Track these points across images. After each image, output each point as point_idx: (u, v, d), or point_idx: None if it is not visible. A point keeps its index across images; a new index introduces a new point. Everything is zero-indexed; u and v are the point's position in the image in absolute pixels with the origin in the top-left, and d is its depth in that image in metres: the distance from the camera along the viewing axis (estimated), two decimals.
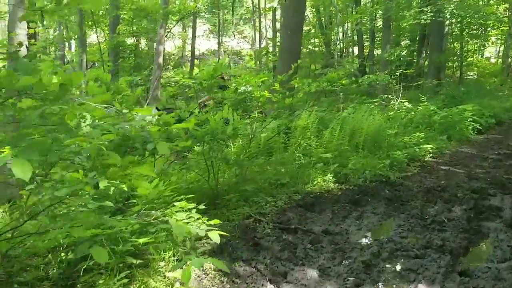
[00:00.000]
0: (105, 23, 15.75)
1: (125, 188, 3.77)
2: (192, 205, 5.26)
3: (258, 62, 23.19)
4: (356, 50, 27.97)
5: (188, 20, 25.35)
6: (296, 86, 8.28)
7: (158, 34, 16.14)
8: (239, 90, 6.85)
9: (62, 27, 18.49)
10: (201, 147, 5.84)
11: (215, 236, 3.40)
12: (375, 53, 24.60)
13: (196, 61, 32.29)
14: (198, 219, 5.54)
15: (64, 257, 4.20)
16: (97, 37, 14.65)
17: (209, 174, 6.60)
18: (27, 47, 8.76)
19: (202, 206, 5.61)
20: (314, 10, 26.54)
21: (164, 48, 26.19)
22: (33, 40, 16.00)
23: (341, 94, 13.28)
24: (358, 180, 8.06)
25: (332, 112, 12.31)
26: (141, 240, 3.91)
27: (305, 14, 23.93)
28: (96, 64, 16.12)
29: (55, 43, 17.79)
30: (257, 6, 27.16)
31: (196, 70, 28.81)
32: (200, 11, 23.15)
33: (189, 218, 4.07)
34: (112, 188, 3.64)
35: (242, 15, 36.04)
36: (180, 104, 10.61)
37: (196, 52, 34.41)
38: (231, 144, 8.04)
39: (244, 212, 6.29)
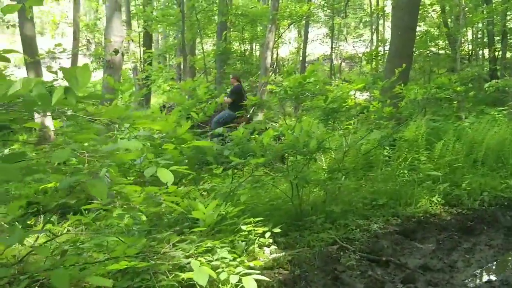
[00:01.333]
0: (211, 30, 15.79)
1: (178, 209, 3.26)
2: (261, 229, 4.66)
3: (373, 67, 21.98)
4: (486, 52, 25.49)
5: (302, 25, 24.84)
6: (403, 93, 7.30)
7: (266, 39, 15.82)
8: (330, 99, 6.09)
9: (179, 35, 19.09)
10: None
11: (251, 285, 2.73)
12: (507, 55, 22.09)
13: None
14: (269, 245, 4.94)
15: None
16: (201, 44, 14.65)
17: (293, 191, 5.92)
18: (122, 54, 8.79)
19: (277, 229, 4.99)
20: (438, 9, 24.63)
21: (277, 53, 25.94)
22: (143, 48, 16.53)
23: (457, 101, 11.82)
24: (474, 203, 6.86)
25: (449, 122, 10.94)
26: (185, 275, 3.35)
27: (428, 13, 22.22)
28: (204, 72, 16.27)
29: (174, 49, 18.26)
30: (374, 8, 25.90)
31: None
32: (313, 15, 22.47)
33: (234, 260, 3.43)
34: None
35: (362, 18, 34.81)
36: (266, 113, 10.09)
37: (312, 57, 33.82)
38: (322, 159, 7.29)
39: (329, 237, 5.52)
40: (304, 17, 21.21)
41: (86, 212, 5.10)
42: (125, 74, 15.78)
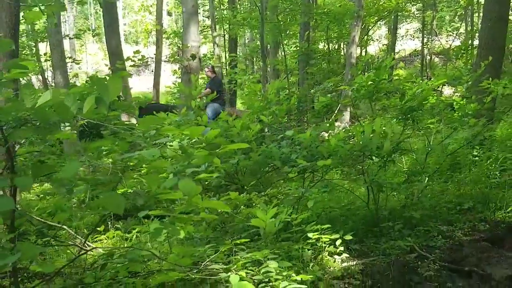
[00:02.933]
0: (294, 31, 15.64)
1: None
2: (327, 237, 4.45)
3: (465, 61, 20.65)
4: None
5: (390, 21, 23.95)
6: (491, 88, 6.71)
7: (351, 36, 15.44)
8: (407, 96, 5.73)
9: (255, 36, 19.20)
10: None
11: None
12: None
13: (401, 64, 30.51)
14: (339, 253, 4.70)
15: None
16: (282, 45, 14.52)
17: (368, 196, 5.63)
18: (200, 59, 8.92)
19: (349, 236, 4.75)
20: None
21: (365, 51, 25.24)
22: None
23: None
24: None
25: None
26: None
27: None
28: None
29: (258, 52, 18.33)
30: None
31: (401, 72, 27.16)
32: (402, 10, 21.57)
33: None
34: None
35: (457, 11, 32.95)
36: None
37: (403, 54, 32.49)
38: (403, 160, 6.88)
39: (407, 244, 5.16)
40: (393, 13, 20.43)
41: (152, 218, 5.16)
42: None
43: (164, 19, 36.30)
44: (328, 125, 5.37)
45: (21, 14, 4.63)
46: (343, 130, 5.71)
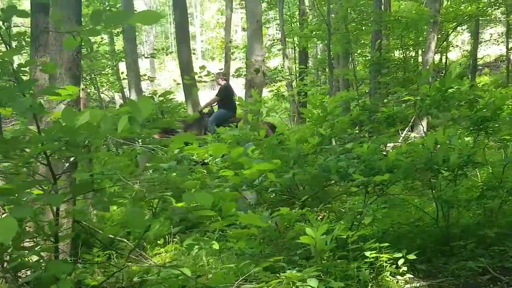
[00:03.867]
0: (365, 40, 15.25)
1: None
2: (386, 256, 4.19)
3: None
4: None
5: (472, 26, 22.76)
6: None
7: (427, 43, 14.82)
8: (479, 106, 5.33)
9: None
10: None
11: None
12: None
13: (486, 70, 28.88)
14: (403, 273, 4.40)
15: None
16: (351, 55, 14.19)
17: (437, 212, 5.27)
18: (264, 74, 8.89)
19: (412, 256, 4.44)
20: None
21: (446, 58, 24.14)
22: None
23: None
24: None
25: None
26: None
27: None
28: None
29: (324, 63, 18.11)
30: None
31: (485, 79, 25.68)
32: (484, 14, 20.43)
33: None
34: None
35: None
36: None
37: (487, 60, 30.76)
38: (478, 174, 6.41)
39: (479, 265, 4.75)
40: (473, 17, 19.39)
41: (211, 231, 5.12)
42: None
43: (238, 34, 36.93)
44: (388, 136, 5.07)
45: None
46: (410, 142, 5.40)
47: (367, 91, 15.66)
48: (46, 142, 2.18)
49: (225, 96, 9.93)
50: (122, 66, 18.11)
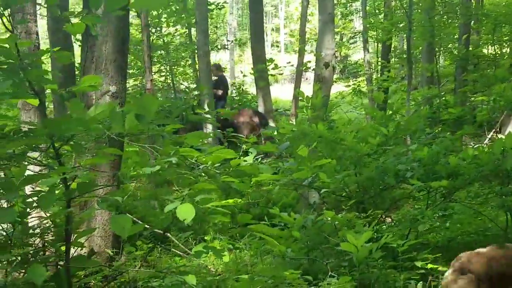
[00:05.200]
0: (453, 34, 14.28)
1: None
2: (444, 268, 3.84)
3: None
4: None
5: None
6: None
7: None
8: None
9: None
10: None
11: None
12: None
13: None
14: None
15: None
16: (435, 50, 13.34)
17: (507, 221, 4.80)
18: (334, 68, 8.58)
19: None
20: None
21: None
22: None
23: None
24: None
25: None
26: None
27: None
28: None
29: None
30: None
31: None
32: None
33: None
34: None
35: None
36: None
37: None
38: None
39: None
40: None
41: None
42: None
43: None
44: (453, 139, 4.65)
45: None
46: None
47: (451, 88, 14.76)
48: (53, 136, 2.15)
49: (224, 89, 9.78)
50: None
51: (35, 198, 2.39)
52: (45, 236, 2.71)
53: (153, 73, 12.02)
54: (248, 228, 4.47)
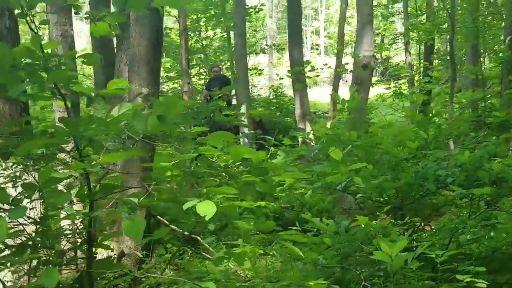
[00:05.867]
0: (498, 35, 13.73)
1: None
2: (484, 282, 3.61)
3: None
4: None
5: None
6: None
7: None
8: None
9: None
10: None
11: None
12: None
13: None
14: None
15: None
16: (479, 51, 12.87)
17: None
18: (372, 70, 8.37)
19: None
20: None
21: None
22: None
23: None
24: None
25: None
26: None
27: None
28: None
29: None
30: None
31: None
32: None
33: None
34: None
35: None
36: None
37: None
38: None
39: None
40: None
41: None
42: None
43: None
44: (496, 144, 4.39)
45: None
46: None
47: (498, 91, 14.21)
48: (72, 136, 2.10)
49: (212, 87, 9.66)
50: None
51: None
52: (75, 238, 2.70)
53: (191, 76, 12.07)
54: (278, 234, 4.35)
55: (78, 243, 2.67)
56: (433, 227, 5.03)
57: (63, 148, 2.60)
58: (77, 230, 2.78)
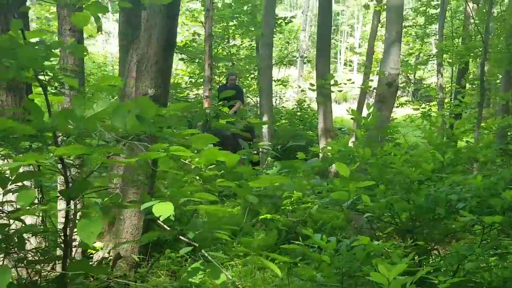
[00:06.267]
0: None
1: None
2: None
3: None
4: None
5: None
6: None
7: None
8: None
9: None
10: None
11: None
12: None
13: None
14: None
15: None
16: None
17: None
18: (396, 88, 8.21)
19: None
20: None
21: None
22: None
23: None
24: None
25: None
26: None
27: None
28: None
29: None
30: None
31: None
32: None
33: None
34: None
35: None
36: None
37: None
38: None
39: None
40: None
41: None
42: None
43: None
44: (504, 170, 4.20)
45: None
46: None
47: None
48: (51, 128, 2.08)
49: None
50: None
51: None
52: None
53: (216, 83, 12.06)
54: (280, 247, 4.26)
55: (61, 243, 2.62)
56: (442, 252, 4.85)
57: (58, 143, 2.58)
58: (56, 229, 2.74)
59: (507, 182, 4.16)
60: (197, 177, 2.25)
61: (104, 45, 31.18)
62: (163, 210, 1.94)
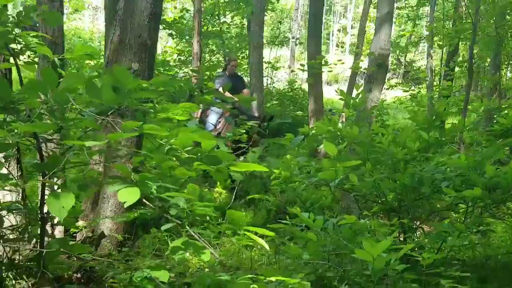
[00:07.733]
0: None
1: None
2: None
3: None
4: None
5: None
6: None
7: None
8: None
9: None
10: None
11: None
12: None
13: None
14: None
15: None
16: (500, 59, 12.55)
17: None
18: (387, 69, 8.22)
19: None
20: None
21: None
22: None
23: None
24: None
25: None
26: None
27: None
28: None
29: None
30: None
31: None
32: None
33: None
34: None
35: None
36: None
37: None
38: None
39: None
40: None
41: None
42: None
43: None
44: (494, 150, 4.24)
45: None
46: None
47: None
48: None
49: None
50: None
51: None
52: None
53: (205, 61, 11.96)
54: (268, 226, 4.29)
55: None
56: (427, 231, 4.94)
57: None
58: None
59: (491, 162, 4.23)
60: (174, 159, 2.22)
61: (92, 21, 30.72)
62: (128, 196, 1.93)
